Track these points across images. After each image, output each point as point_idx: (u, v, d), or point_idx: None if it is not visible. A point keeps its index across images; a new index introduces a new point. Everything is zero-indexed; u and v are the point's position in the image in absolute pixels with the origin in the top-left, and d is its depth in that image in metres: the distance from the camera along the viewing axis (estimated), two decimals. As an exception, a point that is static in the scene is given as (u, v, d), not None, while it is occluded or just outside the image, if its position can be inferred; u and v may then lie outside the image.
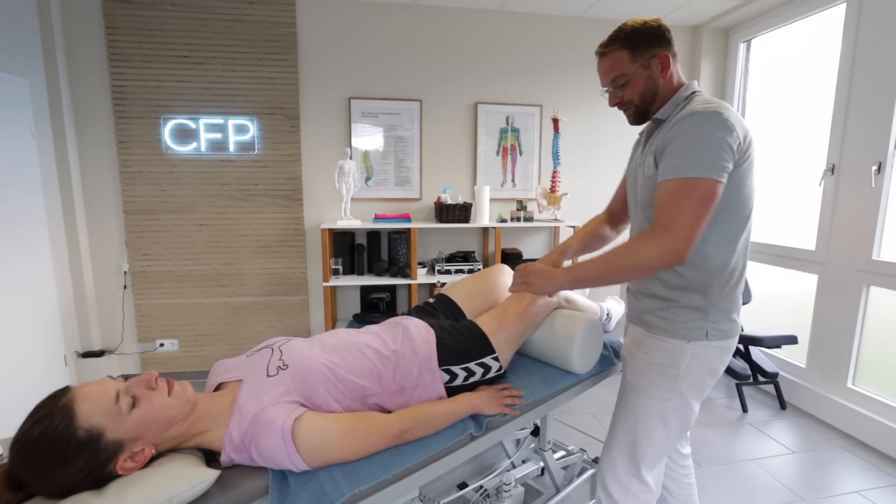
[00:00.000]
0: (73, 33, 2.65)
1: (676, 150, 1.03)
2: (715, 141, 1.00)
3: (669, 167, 1.04)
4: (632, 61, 1.13)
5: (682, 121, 1.04)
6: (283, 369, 1.00)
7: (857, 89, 2.37)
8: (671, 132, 1.06)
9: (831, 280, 2.53)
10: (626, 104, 1.19)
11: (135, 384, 0.87)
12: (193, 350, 3.02)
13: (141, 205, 2.83)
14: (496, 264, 1.57)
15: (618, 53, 1.14)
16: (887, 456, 2.22)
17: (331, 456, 0.91)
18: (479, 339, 1.23)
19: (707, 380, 1.17)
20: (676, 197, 1.02)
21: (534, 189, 3.28)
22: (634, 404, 1.22)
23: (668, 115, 1.13)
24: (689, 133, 1.02)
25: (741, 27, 3.16)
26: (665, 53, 1.13)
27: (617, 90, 1.18)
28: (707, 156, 1.00)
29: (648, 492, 1.23)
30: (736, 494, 1.94)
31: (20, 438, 0.77)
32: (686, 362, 1.14)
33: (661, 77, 1.15)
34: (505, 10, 3.05)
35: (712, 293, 1.12)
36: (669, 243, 1.01)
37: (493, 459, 2.04)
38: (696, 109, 1.04)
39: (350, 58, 2.95)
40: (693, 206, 1.00)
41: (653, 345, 1.18)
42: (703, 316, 1.12)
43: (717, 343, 1.14)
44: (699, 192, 1.00)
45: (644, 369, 1.20)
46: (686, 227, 1.00)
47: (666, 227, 1.02)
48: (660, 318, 1.17)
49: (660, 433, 1.19)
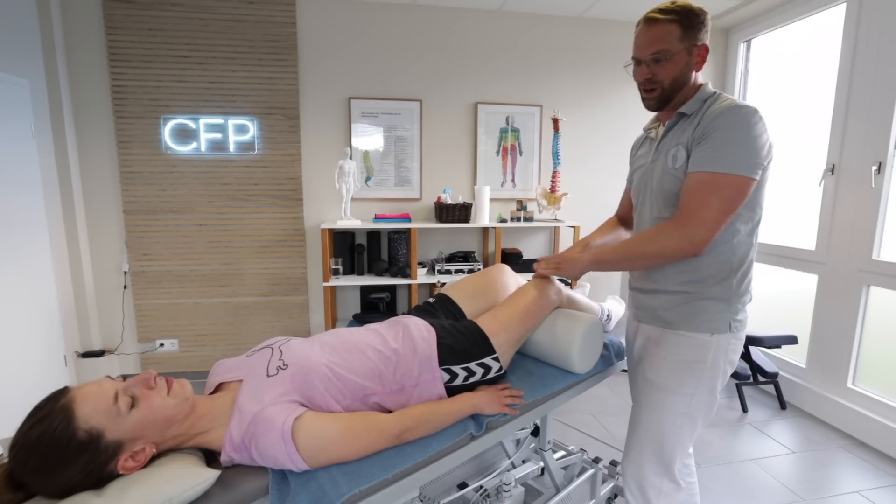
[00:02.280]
0: (73, 33, 2.65)
1: (715, 141, 1.03)
2: (755, 138, 1.01)
3: (705, 158, 1.04)
4: (680, 40, 1.09)
5: (724, 113, 1.03)
6: (283, 369, 1.00)
7: (857, 89, 2.37)
8: (712, 123, 1.05)
9: (831, 280, 2.53)
10: (655, 84, 1.14)
11: (133, 384, 0.86)
12: (193, 350, 3.02)
13: (141, 205, 2.83)
14: (496, 264, 1.57)
15: (670, 26, 1.09)
16: (887, 456, 2.22)
17: (331, 456, 0.91)
18: (479, 339, 1.23)
19: (728, 371, 1.19)
20: (705, 190, 1.03)
21: (534, 189, 3.28)
22: (659, 403, 1.20)
23: (694, 110, 1.12)
24: (731, 126, 1.02)
25: (741, 27, 3.16)
26: (706, 46, 1.12)
27: (654, 65, 1.12)
28: (745, 152, 1.01)
29: (679, 490, 1.23)
30: (736, 494, 1.94)
31: (20, 440, 0.77)
32: (712, 356, 1.15)
33: (696, 69, 1.13)
34: (505, 10, 3.05)
35: (734, 284, 1.13)
36: (690, 235, 1.04)
37: (493, 459, 2.04)
38: (738, 104, 1.04)
39: (350, 58, 2.95)
40: (719, 202, 1.02)
41: (676, 341, 1.18)
42: (726, 307, 1.14)
43: (737, 334, 1.16)
44: (729, 188, 1.02)
45: (668, 367, 1.19)
46: (709, 221, 1.02)
47: (689, 219, 1.04)
48: (681, 313, 1.17)
49: (687, 430, 1.19)
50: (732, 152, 1.01)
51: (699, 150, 1.06)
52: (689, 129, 1.11)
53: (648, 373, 1.24)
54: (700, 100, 1.12)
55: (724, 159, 1.01)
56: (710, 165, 1.03)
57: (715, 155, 1.02)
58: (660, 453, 1.21)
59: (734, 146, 1.01)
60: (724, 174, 1.01)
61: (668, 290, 1.19)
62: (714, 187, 1.02)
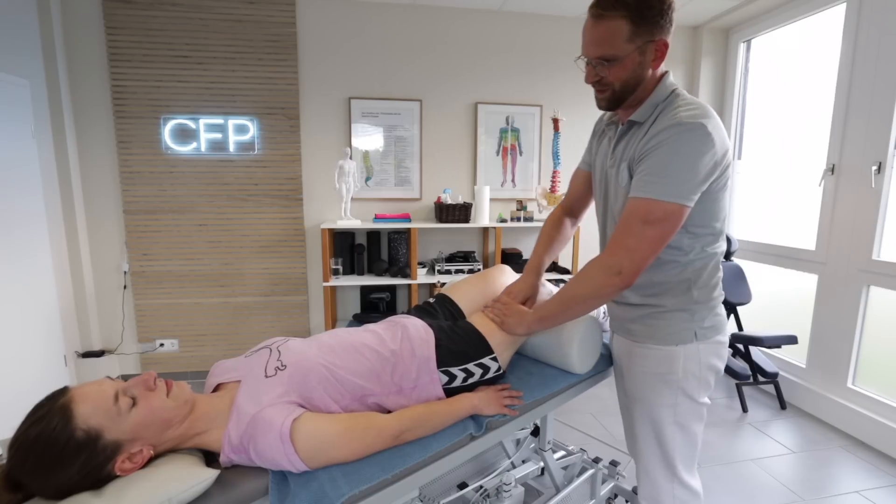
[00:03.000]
0: (73, 33, 2.65)
1: (651, 166, 0.98)
2: (692, 161, 0.95)
3: (640, 183, 1.00)
4: (629, 40, 0.98)
5: (663, 132, 0.97)
6: (281, 370, 0.99)
7: (857, 89, 2.37)
8: (650, 143, 0.99)
9: (831, 280, 2.53)
10: (605, 86, 1.04)
11: (133, 385, 0.86)
12: (193, 350, 3.02)
13: (141, 205, 2.83)
14: (496, 265, 1.57)
15: (617, 23, 0.96)
16: (887, 456, 2.22)
17: (329, 456, 0.91)
18: (476, 340, 1.22)
19: (709, 376, 1.15)
20: (634, 220, 0.98)
21: (534, 189, 3.28)
22: (646, 416, 1.18)
23: (645, 117, 1.05)
24: (667, 149, 0.96)
25: (741, 27, 3.16)
26: (664, 41, 1.00)
27: (601, 67, 1.02)
28: (682, 177, 0.95)
29: (695, 496, 1.19)
30: (736, 494, 1.94)
31: (18, 439, 0.77)
32: (681, 365, 1.11)
33: (652, 66, 1.02)
34: (505, 10, 3.05)
35: (695, 295, 1.11)
36: (616, 266, 1.00)
37: (493, 459, 2.04)
38: (681, 120, 0.96)
39: (350, 58, 2.95)
40: (649, 230, 0.97)
41: (644, 354, 1.16)
42: (689, 317, 1.11)
43: (709, 340, 1.13)
44: (658, 215, 0.96)
45: (643, 380, 1.17)
46: (635, 252, 0.98)
47: (615, 250, 1.01)
48: (645, 325, 1.15)
49: (679, 436, 1.16)
50: (668, 178, 0.95)
51: (638, 170, 1.01)
52: (636, 141, 1.05)
53: (628, 385, 1.23)
54: (652, 105, 1.04)
55: (659, 185, 0.96)
56: (644, 191, 0.98)
57: (647, 179, 0.97)
58: (663, 460, 1.19)
59: (671, 170, 0.95)
60: (656, 201, 0.96)
61: (630, 303, 1.17)
62: (645, 215, 0.97)
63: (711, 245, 1.10)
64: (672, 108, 1.00)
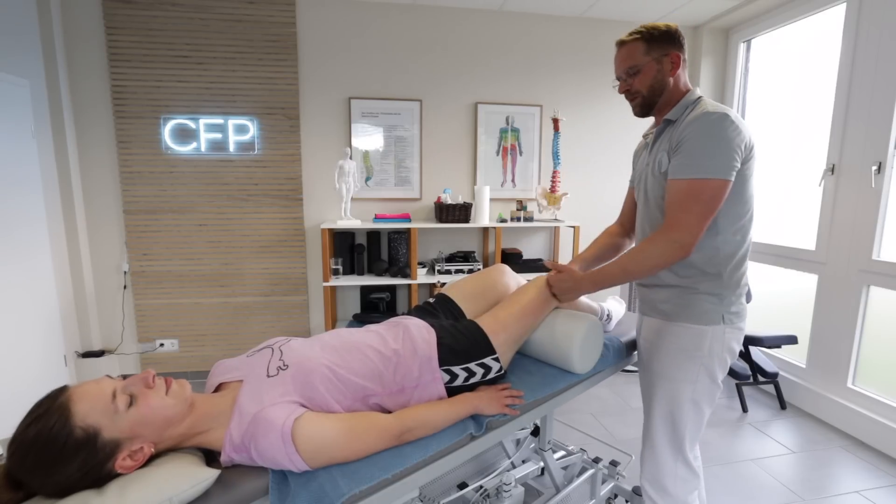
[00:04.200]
0: (73, 33, 2.65)
1: (688, 149, 1.13)
2: (726, 141, 1.10)
3: (681, 166, 1.14)
4: (645, 53, 1.22)
5: (695, 121, 1.13)
6: (283, 369, 1.00)
7: (857, 89, 2.37)
8: (685, 132, 1.14)
9: (831, 280, 2.53)
10: (635, 93, 1.27)
11: (132, 383, 0.86)
12: (193, 350, 3.02)
13: (141, 205, 2.83)
14: (496, 264, 1.57)
15: (635, 44, 1.23)
16: (887, 456, 2.22)
17: (331, 456, 0.91)
18: (479, 340, 1.23)
19: (727, 359, 1.25)
20: (684, 197, 1.13)
21: (534, 189, 3.28)
22: (666, 392, 1.27)
23: (679, 116, 1.22)
24: (701, 134, 1.11)
25: (741, 27, 3.16)
26: (677, 53, 1.23)
27: (628, 79, 1.26)
28: (717, 156, 1.10)
29: (695, 476, 1.30)
30: (736, 494, 1.94)
31: (17, 438, 0.77)
32: (708, 344, 1.22)
33: (671, 74, 1.23)
34: (505, 10, 3.05)
35: (724, 279, 1.21)
36: (676, 241, 1.13)
37: (493, 459, 2.04)
38: (708, 110, 1.13)
39: (350, 58, 2.95)
40: (699, 207, 1.11)
41: (674, 331, 1.26)
42: (718, 300, 1.21)
43: (733, 325, 1.23)
44: (706, 192, 1.11)
45: (670, 356, 1.26)
46: (692, 226, 1.12)
47: (673, 227, 1.14)
48: (677, 305, 1.25)
49: (693, 414, 1.26)
50: (704, 158, 1.10)
51: (676, 157, 1.16)
52: (671, 134, 1.21)
53: (654, 364, 1.31)
54: (683, 106, 1.22)
55: (698, 165, 1.11)
56: (685, 173, 1.13)
57: (689, 162, 1.12)
58: (672, 439, 1.28)
59: (706, 152, 1.11)
60: (698, 180, 1.11)
61: (665, 285, 1.28)
62: (691, 193, 1.12)
63: (741, 231, 1.21)
64: (699, 107, 1.19)
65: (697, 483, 1.30)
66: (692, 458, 1.29)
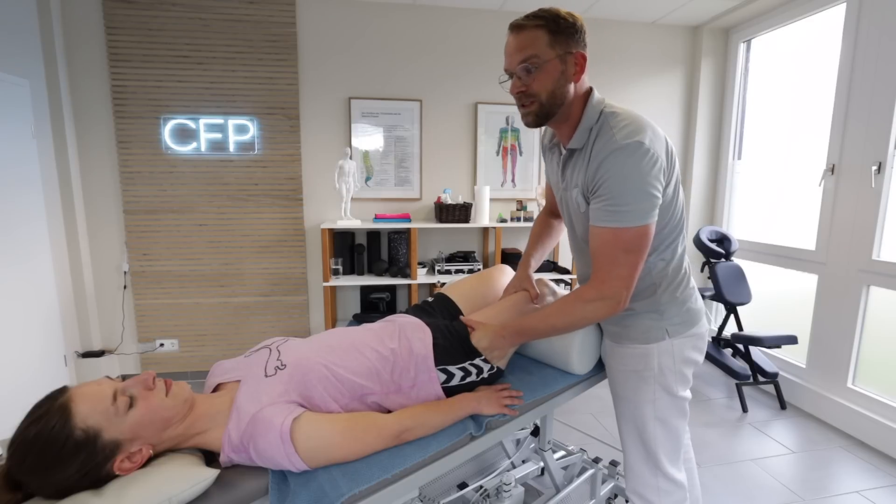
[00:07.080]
0: (73, 33, 2.65)
1: (608, 195, 1.00)
2: (643, 182, 0.98)
3: (601, 213, 1.02)
4: (550, 46, 1.02)
5: (607, 161, 0.99)
6: (281, 369, 1.00)
7: (857, 89, 2.37)
8: (598, 174, 1.01)
9: (831, 280, 2.53)
10: (531, 96, 1.06)
11: (132, 384, 0.86)
12: (193, 350, 3.02)
13: (141, 205, 2.83)
14: (496, 265, 1.57)
15: (537, 32, 1.02)
16: (887, 456, 2.21)
17: (329, 456, 0.91)
18: (467, 341, 1.22)
19: (685, 370, 1.19)
20: (610, 249, 1.02)
21: (534, 189, 3.28)
22: (630, 413, 1.24)
23: (582, 143, 1.07)
24: (617, 176, 0.98)
25: (741, 27, 3.16)
26: (582, 54, 1.05)
27: (525, 76, 1.04)
28: (639, 200, 0.98)
29: (680, 488, 1.24)
30: (736, 494, 1.94)
31: (17, 438, 0.77)
32: (657, 362, 1.17)
33: (574, 80, 1.06)
34: (505, 10, 3.05)
35: (659, 295, 1.16)
36: (611, 298, 1.04)
37: (493, 459, 2.04)
38: (618, 143, 0.98)
39: (350, 58, 2.95)
40: (628, 257, 1.01)
41: (622, 353, 1.22)
42: (658, 317, 1.17)
43: (681, 336, 1.17)
44: (633, 241, 1.01)
45: (622, 378, 1.23)
46: (623, 278, 1.03)
47: (604, 282, 1.04)
48: (619, 326, 1.22)
49: (661, 431, 1.20)
50: (625, 205, 0.98)
51: (595, 202, 1.04)
52: (582, 167, 1.07)
53: (614, 385, 1.29)
54: (586, 130, 1.06)
55: (620, 213, 0.99)
56: (608, 221, 1.01)
57: (610, 209, 1.00)
58: (647, 456, 1.23)
59: (625, 199, 0.98)
60: (627, 229, 0.99)
61: None
62: (617, 244, 1.01)
63: (668, 248, 1.14)
64: (607, 131, 1.03)
65: (684, 493, 1.24)
66: (674, 472, 1.22)
